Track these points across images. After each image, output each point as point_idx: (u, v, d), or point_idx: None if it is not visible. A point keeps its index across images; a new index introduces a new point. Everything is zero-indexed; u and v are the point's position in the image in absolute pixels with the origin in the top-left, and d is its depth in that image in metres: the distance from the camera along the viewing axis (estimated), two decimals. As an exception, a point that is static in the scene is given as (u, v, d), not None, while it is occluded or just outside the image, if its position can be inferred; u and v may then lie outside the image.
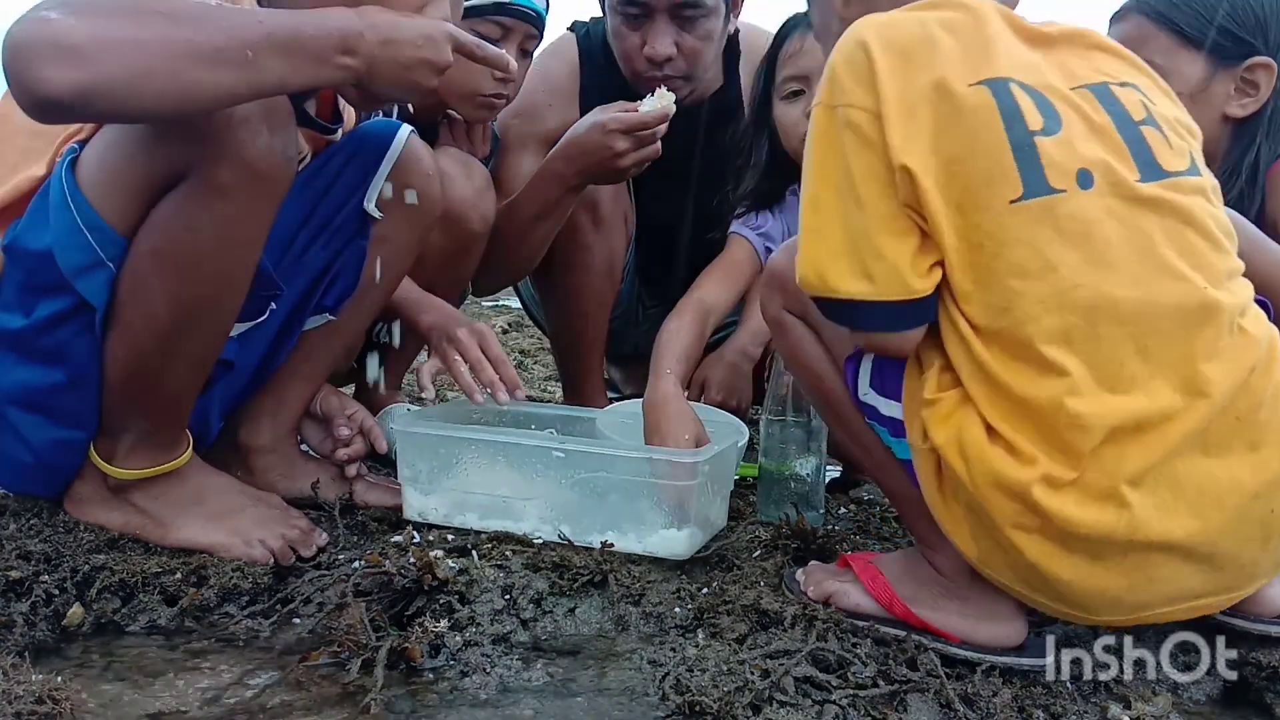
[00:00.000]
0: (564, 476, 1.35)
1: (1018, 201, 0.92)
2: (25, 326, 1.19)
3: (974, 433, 0.94)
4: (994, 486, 0.92)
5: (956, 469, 0.94)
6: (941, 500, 0.99)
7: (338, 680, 1.03)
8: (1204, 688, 1.05)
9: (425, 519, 1.41)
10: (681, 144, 2.07)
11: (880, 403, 1.06)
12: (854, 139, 0.96)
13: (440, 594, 1.14)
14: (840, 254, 0.97)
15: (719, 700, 0.92)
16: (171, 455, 1.30)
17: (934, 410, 0.97)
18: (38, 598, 1.14)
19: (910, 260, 0.95)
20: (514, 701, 1.00)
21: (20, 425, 1.25)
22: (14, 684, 0.91)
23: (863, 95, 0.96)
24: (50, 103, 0.93)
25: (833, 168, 0.98)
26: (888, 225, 0.95)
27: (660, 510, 1.32)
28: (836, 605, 1.12)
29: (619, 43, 1.97)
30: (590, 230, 1.97)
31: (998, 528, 0.93)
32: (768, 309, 1.21)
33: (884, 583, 1.11)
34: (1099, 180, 0.93)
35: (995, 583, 1.01)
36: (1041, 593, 0.98)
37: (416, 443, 1.42)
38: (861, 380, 1.08)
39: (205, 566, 1.23)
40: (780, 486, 1.52)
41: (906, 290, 0.95)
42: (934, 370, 0.98)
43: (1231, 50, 1.45)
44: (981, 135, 0.94)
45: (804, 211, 1.01)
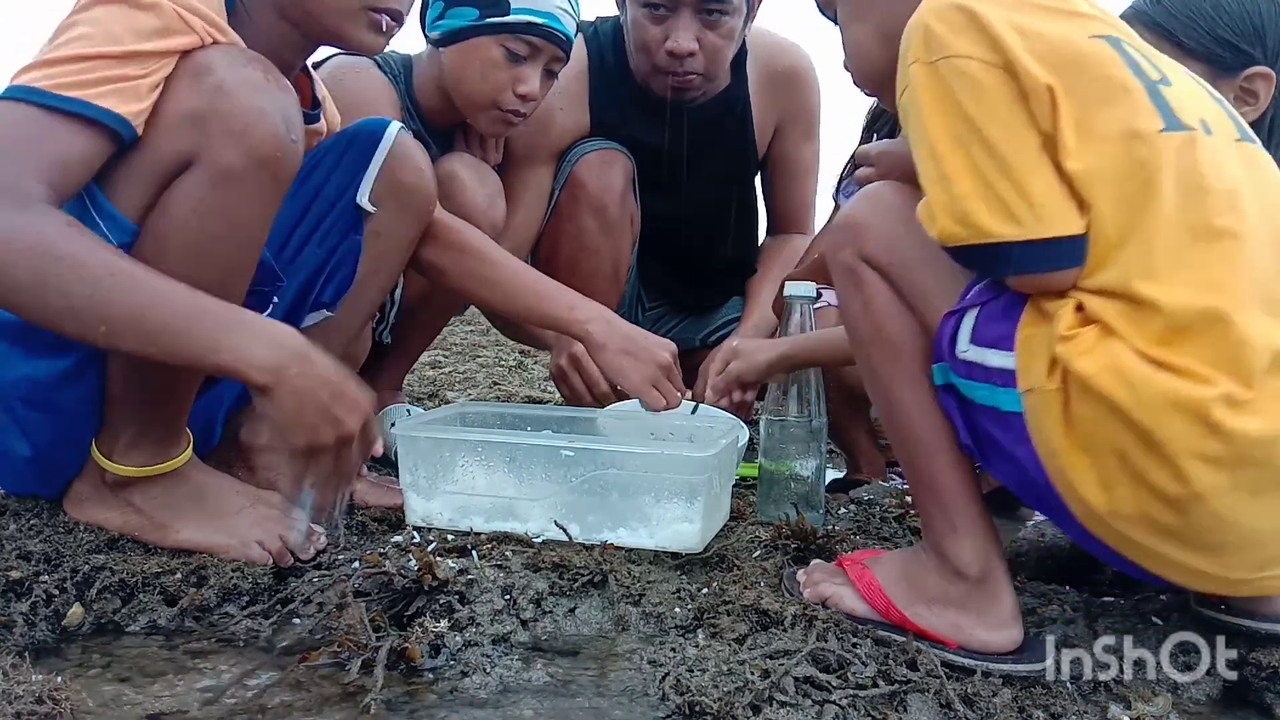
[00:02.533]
0: (573, 475, 1.35)
1: (1165, 132, 0.95)
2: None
3: (1130, 358, 0.91)
4: (1170, 408, 0.88)
5: (1117, 396, 0.90)
6: (1067, 445, 0.95)
7: (338, 680, 1.03)
8: (1204, 688, 1.05)
9: (429, 524, 1.40)
10: (685, 141, 2.07)
11: (988, 354, 1.01)
12: (967, 85, 0.96)
13: (440, 594, 1.14)
14: (977, 197, 0.96)
15: (719, 700, 0.92)
16: (171, 454, 1.30)
17: (1073, 345, 0.93)
18: (38, 598, 1.14)
19: (1061, 194, 0.95)
20: (514, 701, 1.00)
21: (24, 421, 1.25)
22: (14, 684, 0.91)
23: (969, 45, 0.96)
24: None
25: (947, 117, 0.97)
26: (1027, 162, 0.95)
27: (671, 504, 1.32)
28: (832, 607, 1.12)
29: (638, 34, 1.94)
30: (598, 234, 1.97)
31: (1168, 459, 0.89)
32: (838, 257, 1.17)
33: (877, 587, 1.10)
34: (1215, 129, 0.97)
35: (1118, 534, 0.96)
36: (1178, 540, 0.93)
37: (418, 447, 1.41)
38: (962, 336, 1.04)
39: (205, 567, 1.23)
40: (780, 486, 1.52)
41: (1066, 225, 0.94)
42: (1066, 308, 0.96)
43: (1230, 60, 1.45)
44: (1116, 75, 0.96)
45: (923, 163, 1.00)
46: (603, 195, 1.93)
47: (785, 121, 2.19)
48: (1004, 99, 0.95)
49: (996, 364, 1.00)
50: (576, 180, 1.96)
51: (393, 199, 1.46)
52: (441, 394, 2.84)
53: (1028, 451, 0.98)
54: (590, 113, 2.05)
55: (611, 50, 2.05)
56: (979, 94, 0.96)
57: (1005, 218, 0.95)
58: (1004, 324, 1.01)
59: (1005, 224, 0.95)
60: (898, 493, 1.67)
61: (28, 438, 1.26)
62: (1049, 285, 0.97)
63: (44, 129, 1.04)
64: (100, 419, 1.26)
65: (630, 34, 1.97)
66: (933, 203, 0.99)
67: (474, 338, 4.18)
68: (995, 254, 0.97)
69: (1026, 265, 0.97)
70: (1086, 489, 0.94)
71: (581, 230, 1.94)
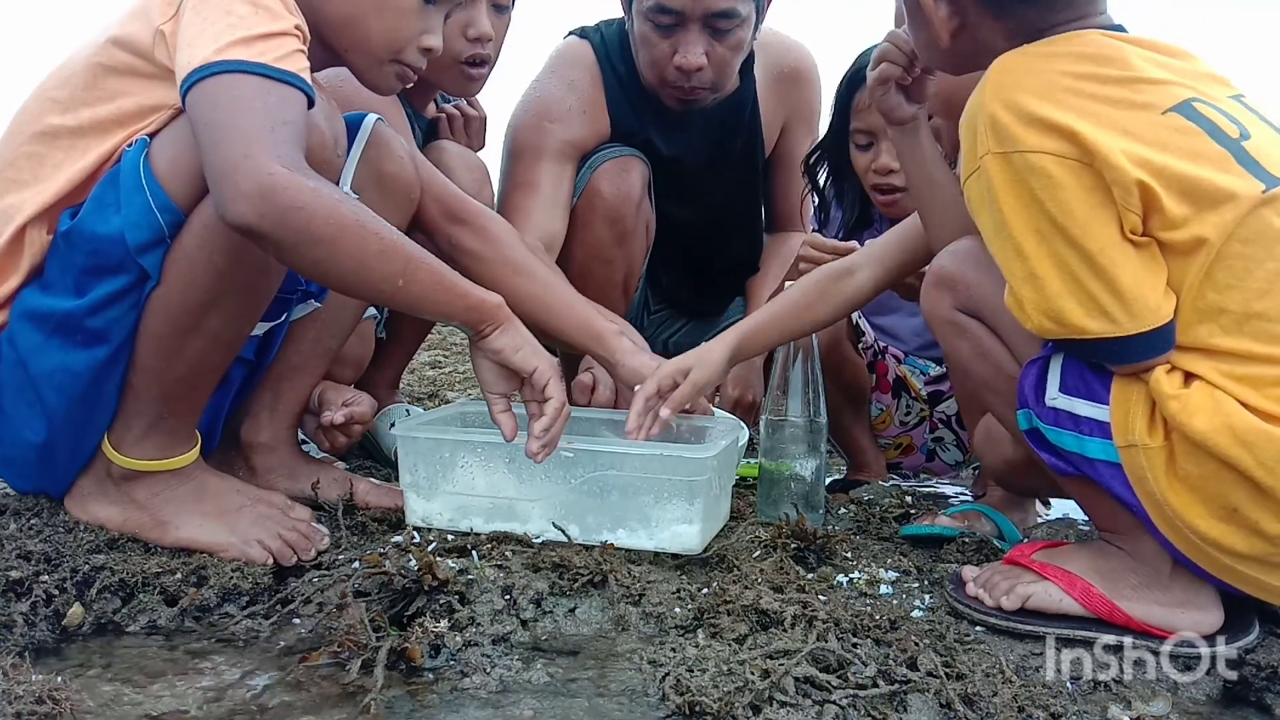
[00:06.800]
0: (572, 476, 1.35)
1: (1266, 192, 0.97)
2: (77, 307, 1.21)
3: (1242, 416, 0.95)
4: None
5: (1233, 455, 0.95)
6: (1172, 497, 1.00)
7: (338, 680, 1.03)
8: (1204, 688, 1.05)
9: (429, 524, 1.40)
10: (693, 145, 2.07)
11: (1076, 404, 1.05)
12: (1044, 181, 0.98)
13: (440, 594, 1.14)
14: (1068, 295, 0.99)
15: (719, 700, 0.92)
16: (179, 450, 1.31)
17: (1182, 404, 0.97)
18: (38, 598, 1.14)
19: (1151, 286, 0.98)
20: (514, 701, 1.00)
21: (52, 411, 1.25)
22: (14, 684, 0.91)
23: (1039, 139, 0.98)
24: (234, 227, 1.09)
25: (1028, 212, 0.99)
26: (1112, 254, 0.97)
27: (671, 505, 1.32)
28: (1034, 608, 1.11)
29: (646, 50, 1.92)
30: (613, 245, 1.95)
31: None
32: (937, 310, 1.22)
33: (1083, 584, 1.10)
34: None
35: (1223, 566, 1.02)
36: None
37: (418, 447, 1.41)
38: (1050, 383, 1.08)
39: (205, 567, 1.24)
40: (780, 486, 1.52)
41: (1157, 317, 0.98)
42: (1160, 369, 1.00)
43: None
44: (1202, 149, 0.98)
45: (1008, 260, 1.02)
46: (619, 205, 1.91)
47: (791, 120, 2.19)
48: (1081, 191, 0.97)
49: (1085, 413, 1.05)
50: (594, 189, 1.94)
51: (374, 188, 1.46)
52: (441, 394, 2.84)
53: (1124, 492, 1.04)
54: (611, 121, 2.02)
55: (620, 58, 2.03)
56: (1055, 189, 0.97)
57: (1098, 314, 0.98)
58: (1091, 374, 1.05)
59: (1098, 321, 0.98)
60: (898, 493, 1.67)
61: (49, 426, 1.26)
62: (1140, 369, 1.01)
63: (280, 98, 1.13)
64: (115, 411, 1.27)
65: (638, 47, 1.95)
66: (1024, 301, 1.02)
67: (474, 338, 4.18)
68: (1090, 347, 1.01)
69: (1120, 358, 1.01)
70: (1200, 521, 0.99)
71: (597, 240, 1.92)
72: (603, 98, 2.02)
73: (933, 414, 1.97)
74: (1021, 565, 1.16)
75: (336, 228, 1.11)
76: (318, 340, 1.52)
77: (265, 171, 1.07)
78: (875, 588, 1.27)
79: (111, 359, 1.23)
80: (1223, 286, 0.98)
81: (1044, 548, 1.20)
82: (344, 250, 1.12)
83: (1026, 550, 1.19)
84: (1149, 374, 1.01)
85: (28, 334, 1.24)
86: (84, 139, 1.24)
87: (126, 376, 1.25)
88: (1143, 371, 1.02)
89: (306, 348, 1.51)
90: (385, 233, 1.16)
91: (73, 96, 1.25)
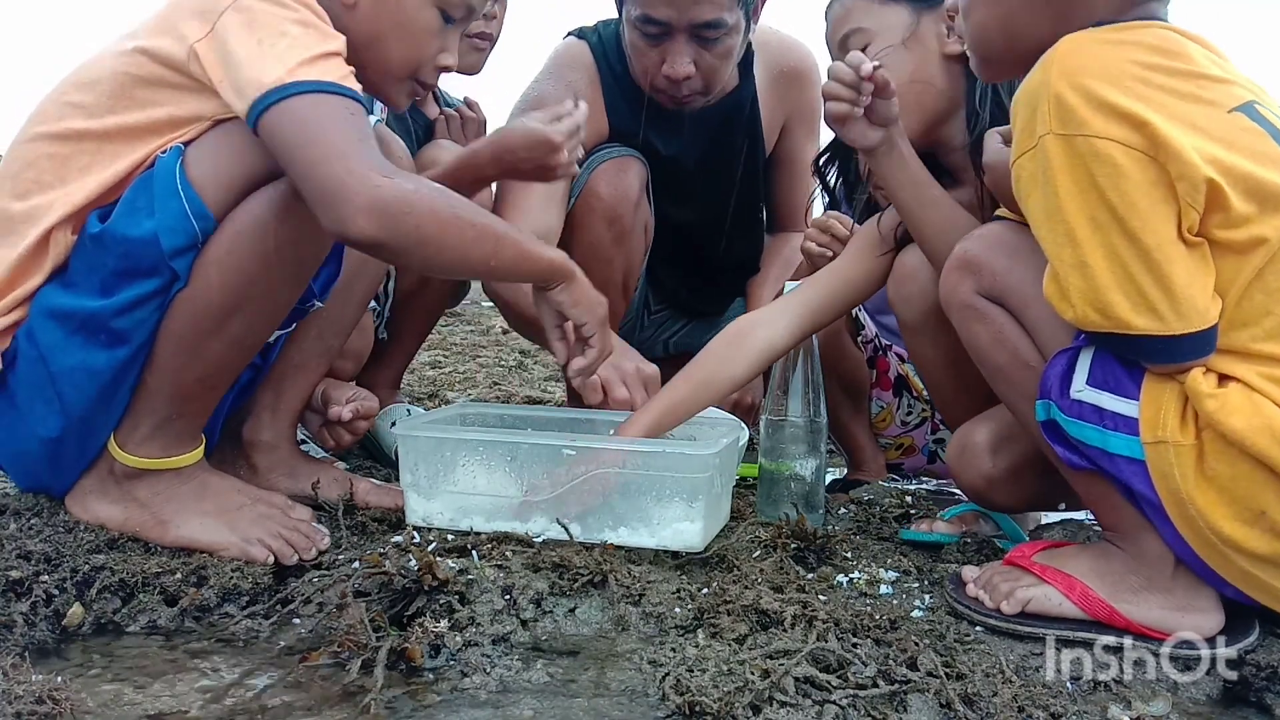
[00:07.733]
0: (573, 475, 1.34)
1: None
2: (103, 307, 1.22)
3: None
4: None
5: (1272, 455, 0.94)
6: (1197, 495, 0.99)
7: (338, 680, 1.03)
8: (1204, 688, 1.05)
9: (429, 524, 1.40)
10: (692, 145, 2.07)
11: (1103, 397, 1.04)
12: (1107, 169, 0.95)
13: (440, 594, 1.14)
14: (1117, 289, 0.97)
15: (719, 700, 0.92)
16: (183, 450, 1.32)
17: (1222, 402, 0.97)
18: (38, 598, 1.14)
19: (1202, 287, 0.97)
20: (514, 701, 1.00)
21: (68, 407, 1.26)
22: (14, 684, 0.91)
23: (1105, 124, 0.95)
24: (356, 244, 1.16)
25: (1085, 199, 0.97)
26: (1168, 251, 0.95)
27: (672, 503, 1.32)
28: (1033, 612, 1.11)
29: (636, 58, 1.93)
30: (611, 245, 1.94)
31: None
32: (956, 294, 1.19)
33: (1083, 588, 1.10)
34: None
35: (1238, 570, 1.02)
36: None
37: (418, 447, 1.41)
38: (1078, 376, 1.06)
39: (205, 567, 1.24)
40: (780, 486, 1.52)
41: (1204, 319, 0.97)
42: (1197, 370, 0.99)
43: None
44: (1265, 150, 0.97)
45: (1057, 245, 1.00)
46: (617, 205, 1.91)
47: (792, 120, 2.18)
48: (1144, 184, 0.95)
49: (1111, 407, 1.03)
50: (592, 189, 1.94)
51: None
52: (441, 394, 2.84)
53: (1144, 488, 1.03)
54: (608, 120, 2.02)
55: (618, 59, 2.03)
56: (1119, 179, 0.95)
57: (1146, 311, 0.96)
58: (1121, 369, 1.03)
59: (1145, 318, 0.97)
60: (898, 493, 1.67)
61: (64, 423, 1.27)
62: (1177, 370, 1.00)
63: (355, 113, 1.19)
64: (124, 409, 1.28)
65: (629, 54, 1.96)
66: (1070, 289, 0.99)
67: (474, 338, 4.18)
68: (1132, 343, 1.00)
69: (1161, 357, 1.00)
70: (1220, 521, 0.99)
71: (595, 240, 1.92)
72: (600, 98, 2.02)
73: (934, 415, 1.97)
74: (1021, 567, 1.16)
75: (439, 224, 1.18)
76: (319, 339, 1.53)
77: (372, 184, 1.12)
78: (875, 588, 1.27)
79: (131, 359, 1.24)
80: (1273, 289, 0.97)
81: (1045, 548, 1.20)
82: (448, 244, 1.20)
83: (1027, 551, 1.19)
84: (1184, 374, 0.99)
85: (49, 331, 1.25)
86: (112, 144, 1.26)
87: (141, 375, 1.26)
88: (1178, 373, 1.00)
89: (308, 346, 1.52)
90: (474, 217, 1.22)
91: (99, 103, 1.26)
